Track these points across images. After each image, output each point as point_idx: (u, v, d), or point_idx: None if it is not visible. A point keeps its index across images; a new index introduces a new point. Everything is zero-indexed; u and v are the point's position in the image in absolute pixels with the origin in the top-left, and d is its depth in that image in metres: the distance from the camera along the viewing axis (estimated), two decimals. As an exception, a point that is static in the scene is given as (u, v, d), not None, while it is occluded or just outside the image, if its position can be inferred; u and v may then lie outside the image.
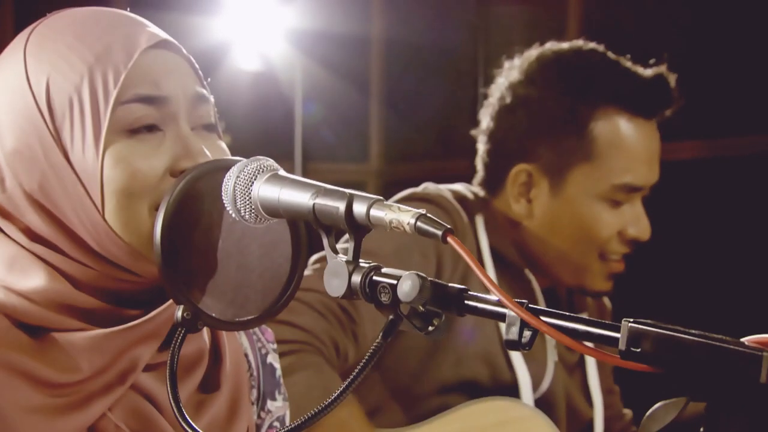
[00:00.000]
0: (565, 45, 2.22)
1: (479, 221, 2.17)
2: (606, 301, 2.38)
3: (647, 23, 4.37)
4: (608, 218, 2.14)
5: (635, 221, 2.15)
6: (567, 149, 2.14)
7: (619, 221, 2.14)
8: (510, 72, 2.23)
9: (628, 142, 2.14)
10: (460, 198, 2.19)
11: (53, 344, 1.23)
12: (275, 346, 1.49)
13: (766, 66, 4.19)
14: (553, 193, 2.16)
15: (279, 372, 1.48)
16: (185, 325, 1.21)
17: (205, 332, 1.36)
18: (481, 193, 2.25)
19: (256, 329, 1.47)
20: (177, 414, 1.17)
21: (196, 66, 1.33)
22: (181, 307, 1.21)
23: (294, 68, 4.92)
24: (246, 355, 1.43)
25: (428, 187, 2.20)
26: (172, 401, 1.17)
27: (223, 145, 1.32)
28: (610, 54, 2.19)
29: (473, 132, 2.29)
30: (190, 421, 1.16)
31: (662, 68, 2.18)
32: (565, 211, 2.15)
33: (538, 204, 2.16)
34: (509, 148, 2.20)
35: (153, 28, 1.31)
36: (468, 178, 2.28)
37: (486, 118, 2.25)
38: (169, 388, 1.18)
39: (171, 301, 1.26)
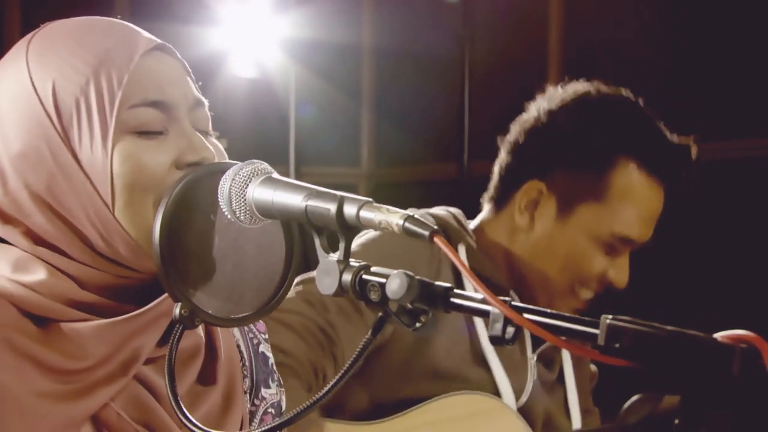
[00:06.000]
0: (610, 90, 2.27)
1: (461, 249, 2.21)
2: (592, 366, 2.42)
3: (631, 30, 4.40)
4: (599, 259, 2.20)
5: (618, 269, 2.22)
6: (583, 184, 2.20)
7: (605, 265, 2.20)
8: (552, 97, 2.28)
9: (639, 198, 2.20)
10: (442, 225, 2.22)
11: (59, 333, 1.27)
12: (267, 336, 1.52)
13: (760, 70, 4.23)
14: (557, 218, 2.21)
15: (272, 360, 1.51)
16: (183, 322, 1.24)
17: (201, 328, 1.39)
18: (464, 218, 2.28)
19: None
20: (174, 406, 1.20)
21: (190, 70, 1.38)
22: (179, 304, 1.24)
23: (288, 75, 4.95)
24: (238, 347, 1.46)
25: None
26: (170, 394, 1.20)
27: (220, 145, 1.36)
28: (647, 111, 2.25)
29: (499, 138, 2.32)
30: (186, 412, 1.19)
31: (689, 139, 2.24)
32: (563, 238, 2.21)
33: (540, 222, 2.22)
34: (530, 166, 2.25)
35: (147, 34, 1.35)
36: (455, 182, 2.30)
37: (516, 131, 2.29)
38: (167, 382, 1.21)
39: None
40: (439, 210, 2.30)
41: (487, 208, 2.30)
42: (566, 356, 2.31)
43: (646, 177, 2.20)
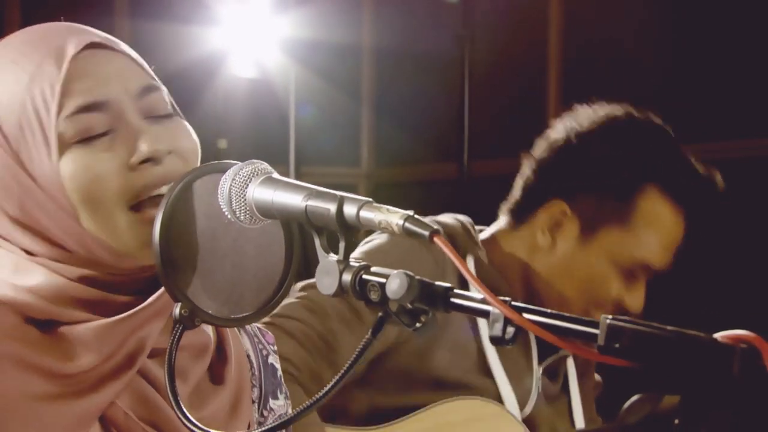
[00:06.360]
0: (640, 115, 2.26)
1: (469, 261, 2.20)
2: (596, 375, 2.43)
3: (631, 30, 4.41)
4: (617, 284, 2.20)
5: (635, 295, 2.22)
6: (608, 208, 2.21)
7: (623, 289, 2.20)
8: (582, 118, 2.26)
9: (663, 226, 2.21)
10: (450, 235, 2.21)
11: (62, 338, 1.27)
12: (275, 348, 1.52)
13: (760, 70, 4.23)
14: (579, 241, 2.21)
15: (280, 372, 1.51)
16: (183, 322, 1.24)
17: (210, 329, 1.40)
18: (473, 228, 2.27)
19: (257, 332, 1.52)
20: (174, 407, 1.20)
21: (136, 57, 1.35)
22: (179, 304, 1.24)
23: (288, 75, 4.97)
24: (248, 356, 1.47)
25: None
26: (170, 394, 1.20)
27: (187, 124, 1.35)
28: (675, 138, 2.25)
29: (524, 156, 2.30)
30: (186, 413, 1.19)
31: (716, 172, 2.24)
32: (584, 261, 2.21)
33: (561, 244, 2.22)
34: (555, 185, 2.24)
35: (85, 34, 1.33)
36: (455, 182, 2.29)
37: (542, 149, 2.28)
38: (167, 382, 1.21)
39: None
40: (448, 218, 2.29)
41: (504, 220, 2.29)
42: (571, 367, 2.31)
43: (671, 205, 2.20)
